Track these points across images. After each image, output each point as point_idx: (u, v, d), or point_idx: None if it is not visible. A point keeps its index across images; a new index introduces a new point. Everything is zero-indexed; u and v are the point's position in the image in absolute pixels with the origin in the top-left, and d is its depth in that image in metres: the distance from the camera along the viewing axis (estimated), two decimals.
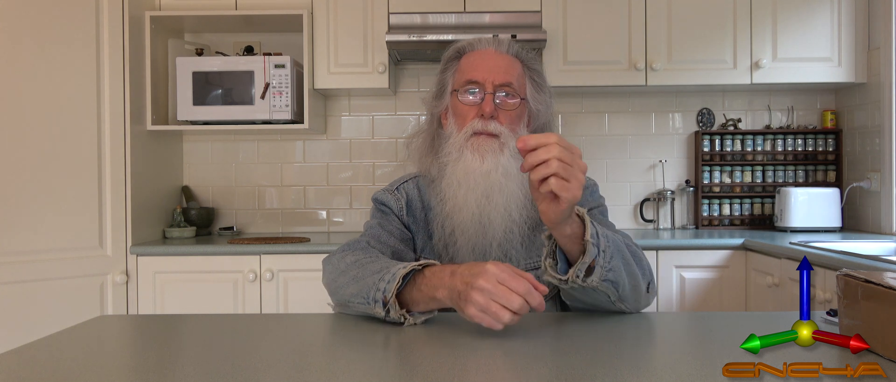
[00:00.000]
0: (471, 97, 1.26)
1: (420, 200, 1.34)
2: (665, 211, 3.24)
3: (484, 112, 1.23)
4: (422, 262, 1.07)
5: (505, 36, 2.77)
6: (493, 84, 1.24)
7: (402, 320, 1.04)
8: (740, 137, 3.18)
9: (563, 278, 1.05)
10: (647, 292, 1.17)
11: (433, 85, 1.35)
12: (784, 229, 2.97)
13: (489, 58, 1.28)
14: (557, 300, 1.30)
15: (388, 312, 1.04)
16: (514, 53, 1.30)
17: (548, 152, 0.92)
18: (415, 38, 2.82)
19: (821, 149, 3.16)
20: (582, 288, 1.06)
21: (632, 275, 1.11)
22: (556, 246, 1.06)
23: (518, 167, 1.22)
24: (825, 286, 2.07)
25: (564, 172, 0.92)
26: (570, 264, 1.06)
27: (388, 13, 2.92)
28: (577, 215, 1.03)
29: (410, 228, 1.32)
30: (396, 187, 1.36)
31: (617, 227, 1.35)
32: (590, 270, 1.04)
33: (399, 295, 1.05)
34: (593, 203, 1.35)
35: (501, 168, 1.21)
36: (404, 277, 1.05)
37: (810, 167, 3.18)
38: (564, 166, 0.92)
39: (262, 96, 2.84)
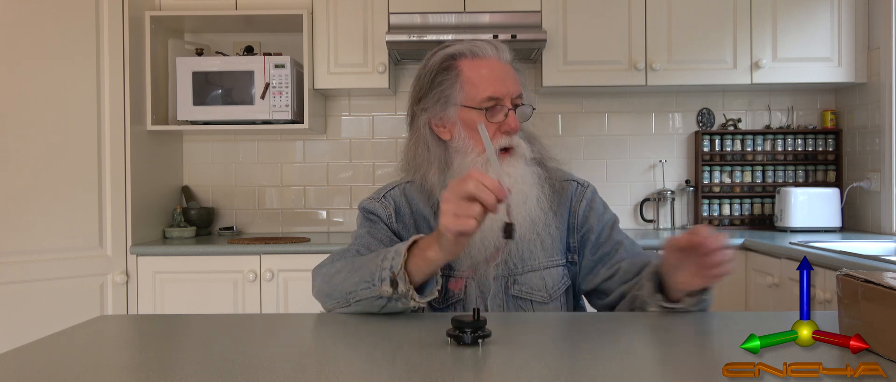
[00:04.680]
0: (493, 114, 1.22)
1: (409, 206, 1.32)
2: (665, 211, 3.24)
3: (510, 129, 1.22)
4: (416, 237, 1.09)
5: (504, 36, 2.77)
6: (511, 98, 1.23)
7: (409, 295, 1.05)
8: (740, 137, 3.18)
9: (676, 305, 1.11)
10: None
11: (422, 89, 1.29)
12: (784, 229, 2.97)
13: (498, 69, 1.25)
14: (565, 297, 1.30)
15: (395, 288, 1.05)
16: (510, 58, 1.29)
17: (724, 255, 1.03)
18: (415, 39, 2.82)
19: (821, 149, 3.16)
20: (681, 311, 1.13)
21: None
22: (659, 278, 1.14)
23: (531, 172, 1.24)
24: (825, 286, 2.07)
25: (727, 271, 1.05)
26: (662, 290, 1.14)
27: (388, 13, 2.92)
28: None
29: (400, 235, 1.30)
30: (383, 195, 1.34)
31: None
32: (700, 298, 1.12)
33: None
34: (608, 219, 1.35)
35: (519, 176, 1.22)
36: (409, 248, 1.07)
37: (810, 167, 3.18)
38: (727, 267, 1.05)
39: (262, 96, 2.84)
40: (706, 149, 3.19)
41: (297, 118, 2.91)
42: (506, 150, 1.23)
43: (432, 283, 1.09)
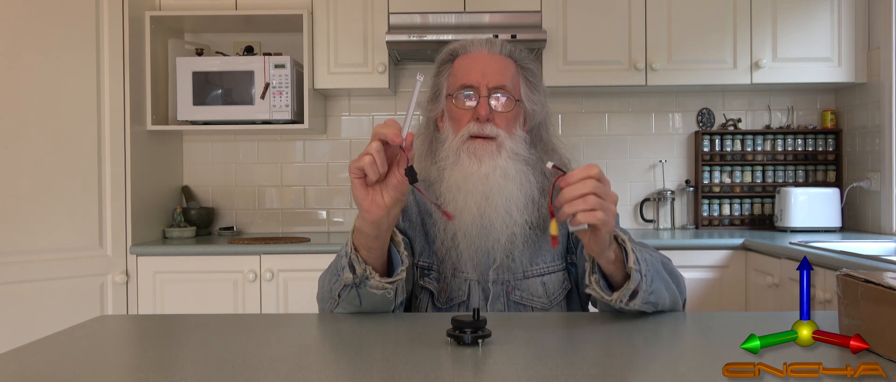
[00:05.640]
0: (466, 101, 1.25)
1: (415, 204, 1.32)
2: (665, 211, 3.24)
3: (479, 115, 1.22)
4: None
5: (504, 36, 2.77)
6: (487, 87, 1.23)
7: (368, 274, 1.06)
8: (740, 137, 3.18)
9: (609, 298, 1.07)
10: (683, 308, 1.20)
11: (428, 88, 1.34)
12: (784, 229, 2.97)
13: (482, 60, 1.27)
14: (568, 299, 1.30)
15: (354, 271, 1.06)
16: (507, 53, 1.29)
17: (584, 186, 0.98)
18: (415, 39, 2.82)
19: (821, 149, 3.16)
20: (622, 309, 1.09)
21: (672, 295, 1.14)
22: (596, 263, 1.08)
23: (516, 169, 1.22)
24: (825, 286, 2.07)
25: (600, 206, 0.98)
26: (610, 284, 1.09)
27: (388, 13, 2.92)
28: (618, 241, 1.07)
29: (407, 233, 1.30)
30: None
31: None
32: (633, 294, 1.07)
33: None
34: None
35: (499, 170, 1.21)
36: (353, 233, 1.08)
37: (810, 167, 3.18)
38: (600, 201, 0.98)
39: (262, 96, 2.84)
40: (706, 149, 3.19)
41: (297, 118, 2.91)
42: (482, 138, 1.23)
43: (398, 264, 1.10)
